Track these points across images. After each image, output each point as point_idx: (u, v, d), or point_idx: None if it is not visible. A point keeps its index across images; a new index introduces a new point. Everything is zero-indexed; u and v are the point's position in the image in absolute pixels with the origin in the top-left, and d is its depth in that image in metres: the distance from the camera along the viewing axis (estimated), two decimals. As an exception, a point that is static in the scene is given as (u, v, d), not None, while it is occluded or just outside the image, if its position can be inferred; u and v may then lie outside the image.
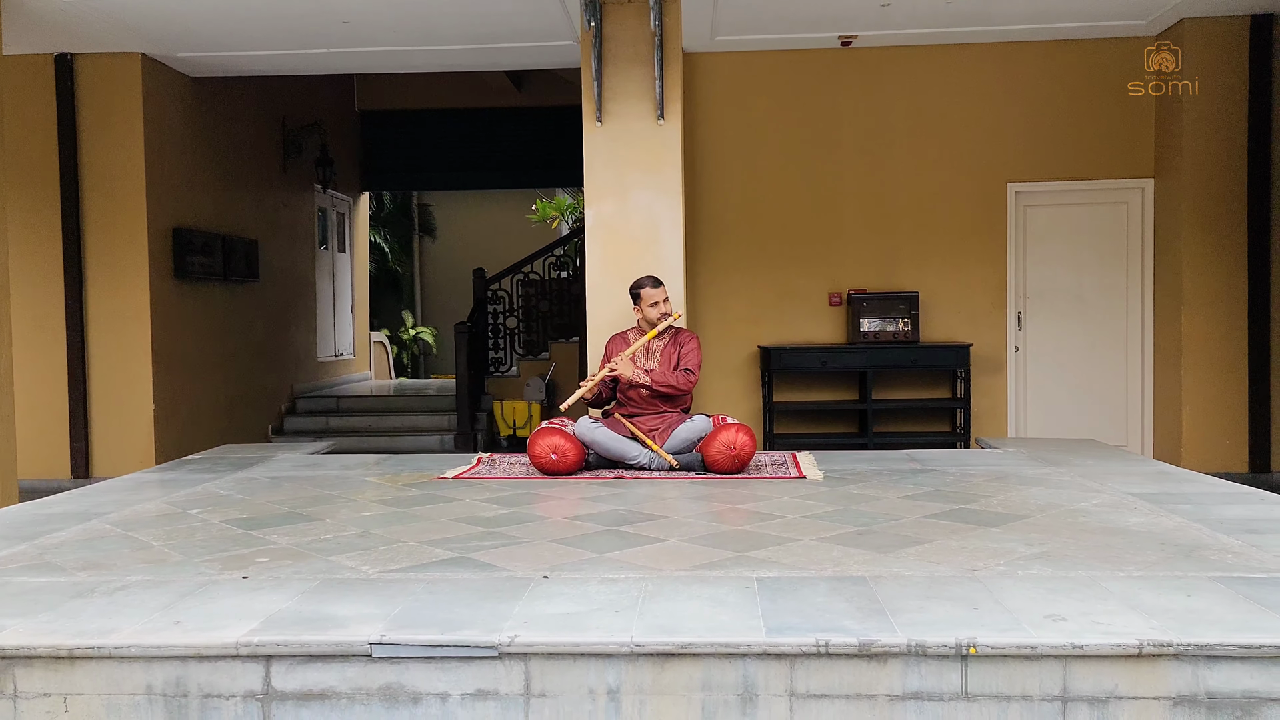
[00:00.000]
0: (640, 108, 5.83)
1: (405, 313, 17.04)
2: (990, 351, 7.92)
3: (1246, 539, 3.38)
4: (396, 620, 2.60)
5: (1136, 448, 7.81)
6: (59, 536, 3.70)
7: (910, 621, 2.54)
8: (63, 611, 2.74)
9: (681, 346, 5.30)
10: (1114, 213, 7.89)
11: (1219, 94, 7.29)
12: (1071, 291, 7.93)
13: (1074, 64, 7.74)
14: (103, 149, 7.65)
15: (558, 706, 2.48)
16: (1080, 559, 3.16)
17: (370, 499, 4.45)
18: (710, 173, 7.90)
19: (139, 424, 7.75)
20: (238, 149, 9.42)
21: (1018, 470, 4.92)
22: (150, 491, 4.68)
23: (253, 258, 9.54)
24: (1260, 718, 2.39)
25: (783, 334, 8.00)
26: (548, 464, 4.93)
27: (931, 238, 7.91)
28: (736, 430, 4.90)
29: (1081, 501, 4.09)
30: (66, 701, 2.52)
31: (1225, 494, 4.25)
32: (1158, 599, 2.71)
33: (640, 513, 4.01)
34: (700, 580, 2.97)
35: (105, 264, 7.70)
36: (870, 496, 4.29)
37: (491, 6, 6.72)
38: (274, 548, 3.47)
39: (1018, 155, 7.85)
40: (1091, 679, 2.41)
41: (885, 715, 2.44)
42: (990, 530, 3.59)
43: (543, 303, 10.42)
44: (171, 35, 7.27)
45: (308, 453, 5.96)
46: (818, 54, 7.85)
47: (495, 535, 3.63)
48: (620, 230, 5.88)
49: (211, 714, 2.51)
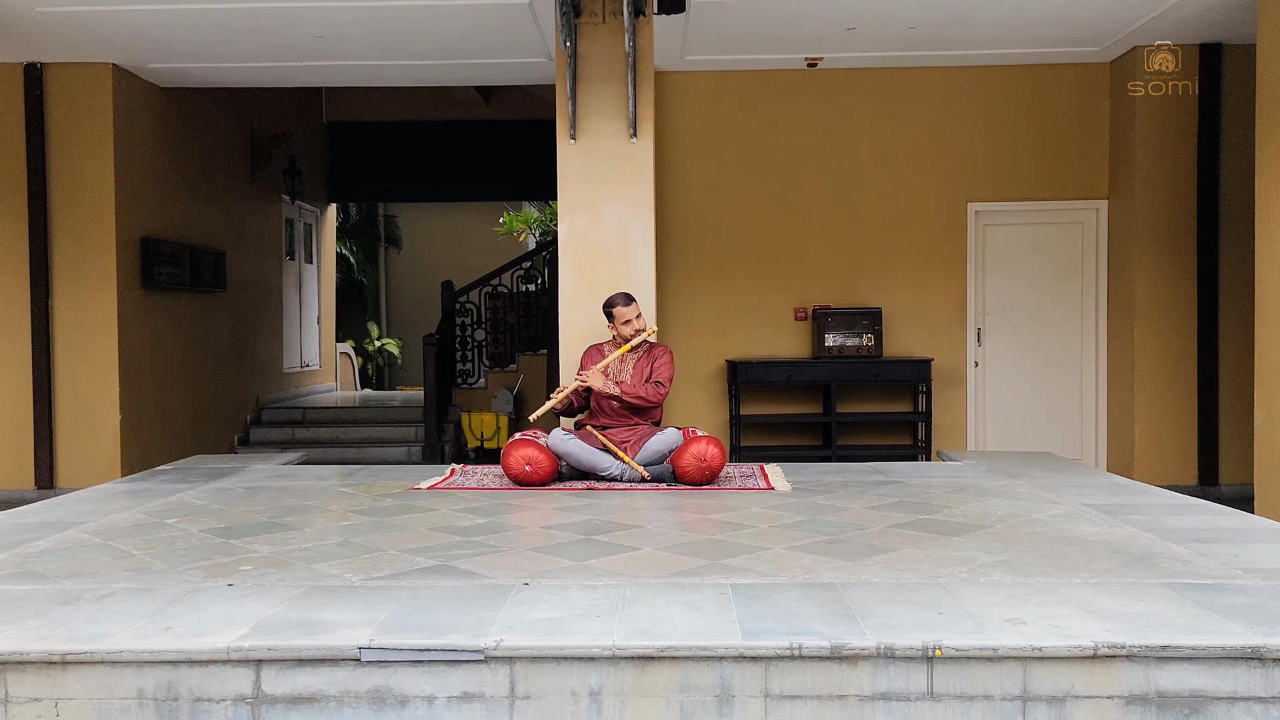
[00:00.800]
0: (613, 126, 5.94)
1: (371, 324, 17.01)
2: (951, 366, 8.11)
3: (1195, 547, 3.55)
4: (383, 625, 2.68)
5: (1091, 460, 8.04)
6: (38, 545, 3.72)
7: (879, 625, 2.66)
8: (51, 618, 2.78)
9: (655, 360, 5.41)
10: (1070, 232, 8.13)
11: (1170, 119, 7.56)
12: (1029, 308, 8.16)
13: (1032, 89, 7.98)
14: (72, 159, 7.63)
15: (541, 708, 2.56)
16: (1038, 566, 3.30)
17: (347, 509, 4.50)
18: (678, 189, 8.03)
19: (104, 435, 7.71)
20: (207, 159, 9.41)
21: (978, 482, 5.08)
22: (124, 501, 4.70)
23: (220, 268, 9.53)
24: (1206, 715, 2.54)
25: (749, 348, 8.14)
26: (521, 475, 5.01)
27: (894, 255, 8.10)
28: (707, 443, 5.01)
29: (1039, 512, 4.25)
30: (58, 706, 2.56)
31: (1175, 505, 4.43)
32: (1111, 604, 2.85)
33: (614, 522, 4.11)
34: (677, 587, 3.07)
35: (72, 273, 7.67)
36: (837, 507, 4.42)
37: (465, 24, 6.81)
38: (256, 556, 3.52)
39: (978, 176, 8.07)
40: (1050, 679, 2.54)
41: (856, 715, 2.56)
42: (953, 539, 3.73)
43: (510, 315, 10.49)
44: (143, 46, 7.28)
45: (279, 463, 5.98)
46: (785, 74, 8.03)
47: (474, 544, 3.70)
48: (593, 245, 5.98)
49: (202, 717, 2.56)
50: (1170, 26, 7.02)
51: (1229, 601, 2.87)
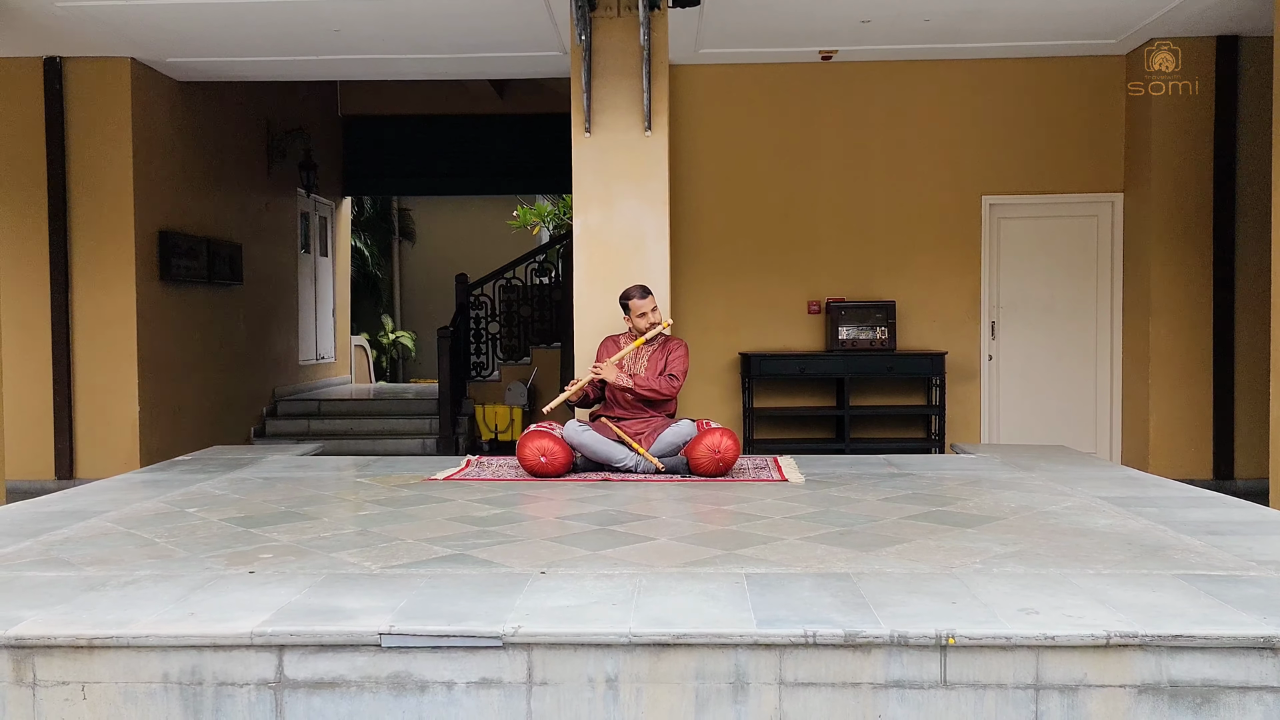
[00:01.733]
0: (628, 119, 5.96)
1: (385, 317, 17.08)
2: (964, 360, 8.11)
3: (1208, 540, 3.56)
4: (403, 612, 2.72)
5: (1105, 454, 8.04)
6: (62, 534, 3.77)
7: (892, 614, 2.68)
8: (78, 604, 2.83)
9: (670, 353, 5.44)
10: (1085, 225, 8.12)
11: (1186, 111, 7.53)
12: (1043, 302, 8.15)
13: (1047, 81, 7.97)
14: (91, 152, 7.71)
15: (559, 694, 2.60)
16: (1051, 558, 3.32)
17: (364, 499, 4.55)
18: (692, 182, 8.05)
19: (123, 426, 7.79)
20: (223, 153, 9.48)
21: (991, 475, 5.09)
22: (145, 491, 4.76)
23: (236, 261, 9.60)
24: (1218, 704, 2.56)
25: (763, 341, 8.16)
26: (536, 466, 5.05)
27: (908, 248, 8.10)
28: (721, 434, 5.03)
29: (1052, 504, 4.26)
30: (85, 690, 2.61)
31: (1189, 498, 4.43)
32: (1124, 594, 2.87)
33: (629, 513, 4.14)
34: (692, 576, 3.10)
35: (91, 266, 7.75)
36: (850, 499, 4.44)
37: (480, 18, 6.84)
38: (276, 545, 3.57)
39: (992, 169, 8.06)
40: (1062, 668, 2.56)
41: (869, 703, 2.59)
42: (966, 531, 3.75)
43: (524, 308, 10.53)
44: (162, 41, 7.35)
45: (296, 454, 6.04)
46: (799, 68, 8.03)
47: (491, 534, 3.74)
48: (607, 239, 6.01)
49: (225, 702, 2.61)
50: (1187, 19, 6.99)
51: (1242, 593, 2.88)
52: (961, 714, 2.57)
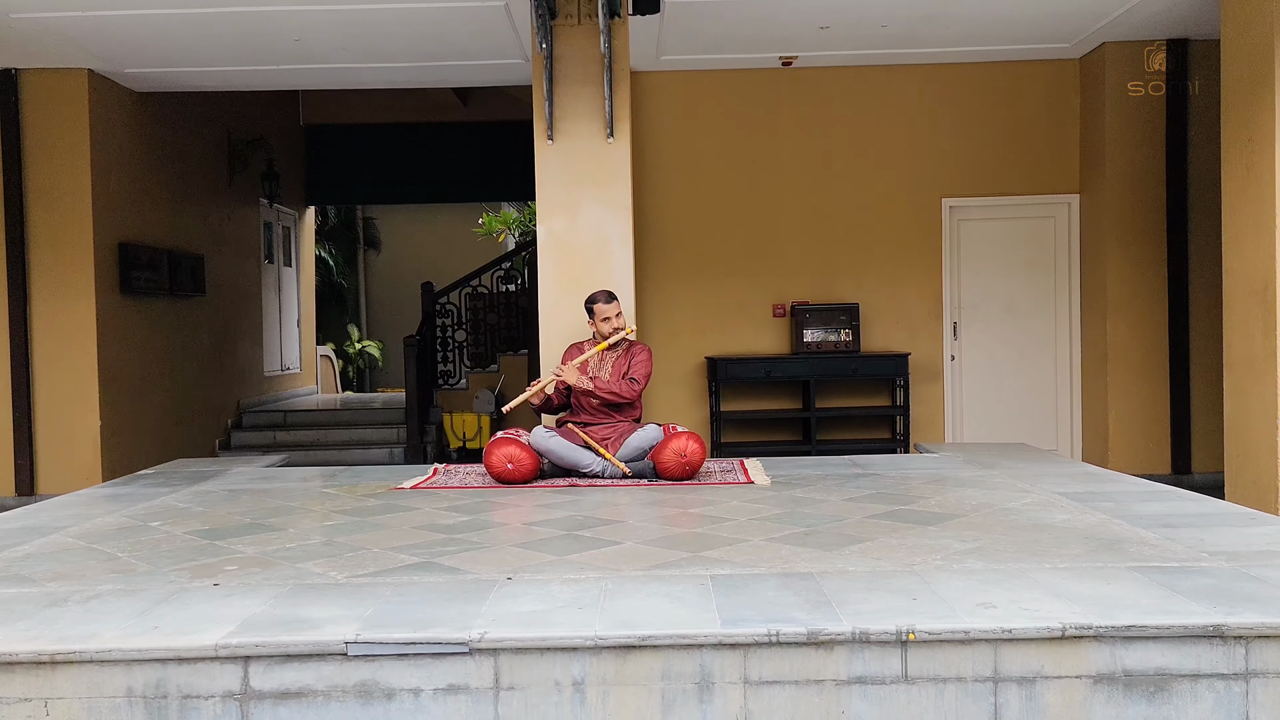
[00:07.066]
0: (590, 126, 5.99)
1: (351, 326, 16.98)
2: (928, 360, 8.21)
3: (1162, 532, 3.64)
4: (369, 621, 2.72)
5: (1066, 451, 8.16)
6: (22, 550, 3.74)
7: (854, 612, 2.73)
8: (40, 619, 2.81)
9: (633, 358, 5.47)
10: (1042, 226, 8.25)
11: (1138, 114, 7.68)
12: (1004, 302, 8.26)
13: (1004, 85, 8.09)
14: (48, 164, 7.61)
15: (526, 698, 2.62)
16: (1010, 553, 3.38)
17: (330, 509, 4.54)
18: (655, 188, 8.09)
19: (85, 440, 7.70)
20: (184, 164, 9.40)
21: (954, 473, 5.17)
22: (107, 505, 4.71)
23: (199, 272, 9.52)
24: (1171, 692, 2.62)
25: (728, 345, 8.21)
26: (504, 473, 5.06)
27: (871, 251, 8.19)
28: (687, 438, 5.07)
29: (1012, 501, 4.33)
30: (47, 705, 2.60)
31: (1144, 492, 4.52)
32: (1080, 587, 2.93)
33: (596, 518, 4.16)
34: (657, 579, 3.13)
35: (50, 280, 7.65)
36: (815, 500, 4.49)
37: (441, 26, 6.84)
38: (241, 556, 3.56)
39: (952, 171, 8.17)
40: (1020, 660, 2.62)
41: (833, 699, 2.63)
42: (928, 529, 3.81)
43: (491, 316, 10.52)
44: (120, 52, 7.28)
45: (262, 466, 6.01)
46: (759, 74, 8.10)
47: (457, 541, 3.75)
48: (571, 246, 6.03)
49: (191, 714, 2.60)
50: (1138, 22, 7.13)
51: (1193, 583, 2.95)
52: (923, 708, 2.62)
